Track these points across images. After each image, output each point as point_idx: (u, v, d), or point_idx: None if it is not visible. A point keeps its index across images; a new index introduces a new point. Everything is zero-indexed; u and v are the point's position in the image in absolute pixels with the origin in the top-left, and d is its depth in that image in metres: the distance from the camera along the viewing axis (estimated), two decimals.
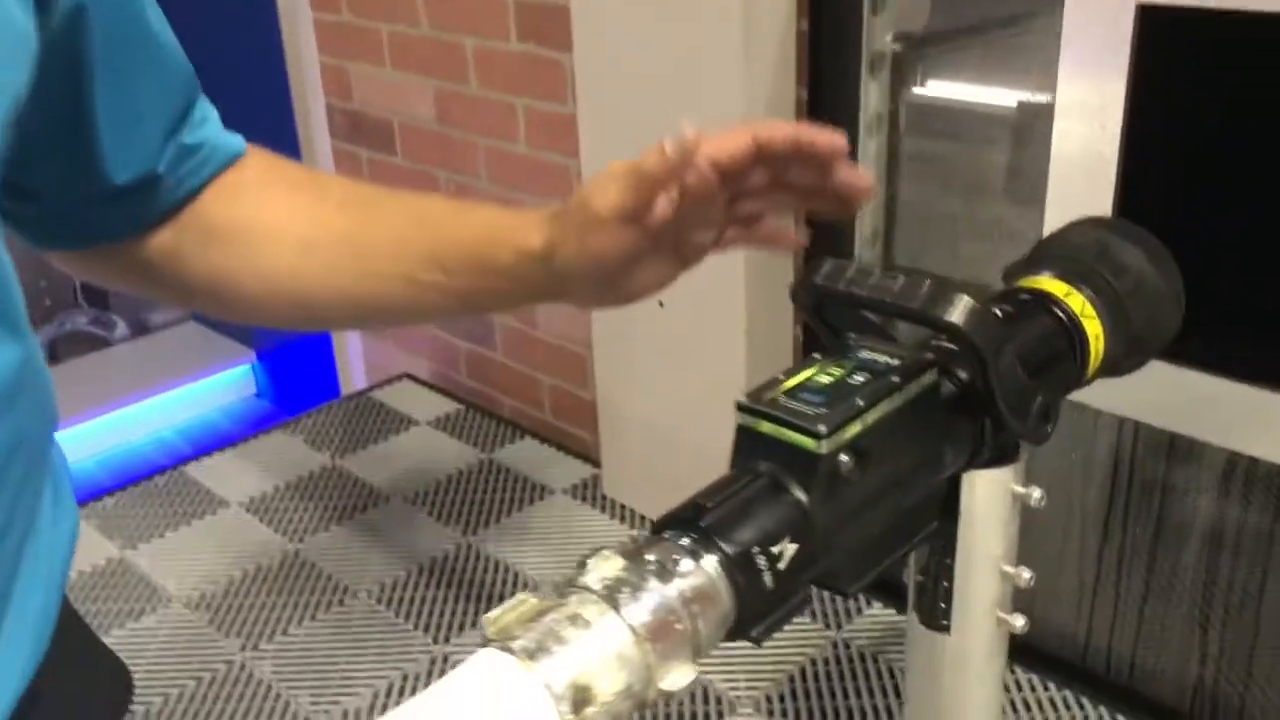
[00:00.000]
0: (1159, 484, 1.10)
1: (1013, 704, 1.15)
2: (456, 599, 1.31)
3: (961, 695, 0.71)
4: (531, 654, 0.46)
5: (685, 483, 0.55)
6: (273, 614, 1.31)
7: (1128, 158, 0.99)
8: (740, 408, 0.56)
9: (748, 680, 1.20)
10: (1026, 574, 0.67)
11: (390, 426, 1.72)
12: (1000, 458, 0.65)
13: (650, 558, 0.50)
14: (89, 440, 3.36)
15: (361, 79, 1.79)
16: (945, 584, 0.68)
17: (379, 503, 1.52)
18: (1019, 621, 0.68)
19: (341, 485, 1.58)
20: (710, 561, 0.51)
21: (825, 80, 1.23)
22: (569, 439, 1.65)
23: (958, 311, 0.56)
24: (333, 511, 1.51)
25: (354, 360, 2.03)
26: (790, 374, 0.58)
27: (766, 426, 0.55)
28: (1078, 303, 0.68)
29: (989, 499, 0.65)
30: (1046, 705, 1.15)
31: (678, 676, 0.49)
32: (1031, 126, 1.12)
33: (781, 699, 1.18)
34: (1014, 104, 1.14)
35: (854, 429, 0.54)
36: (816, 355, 0.60)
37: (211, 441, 2.68)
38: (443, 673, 0.48)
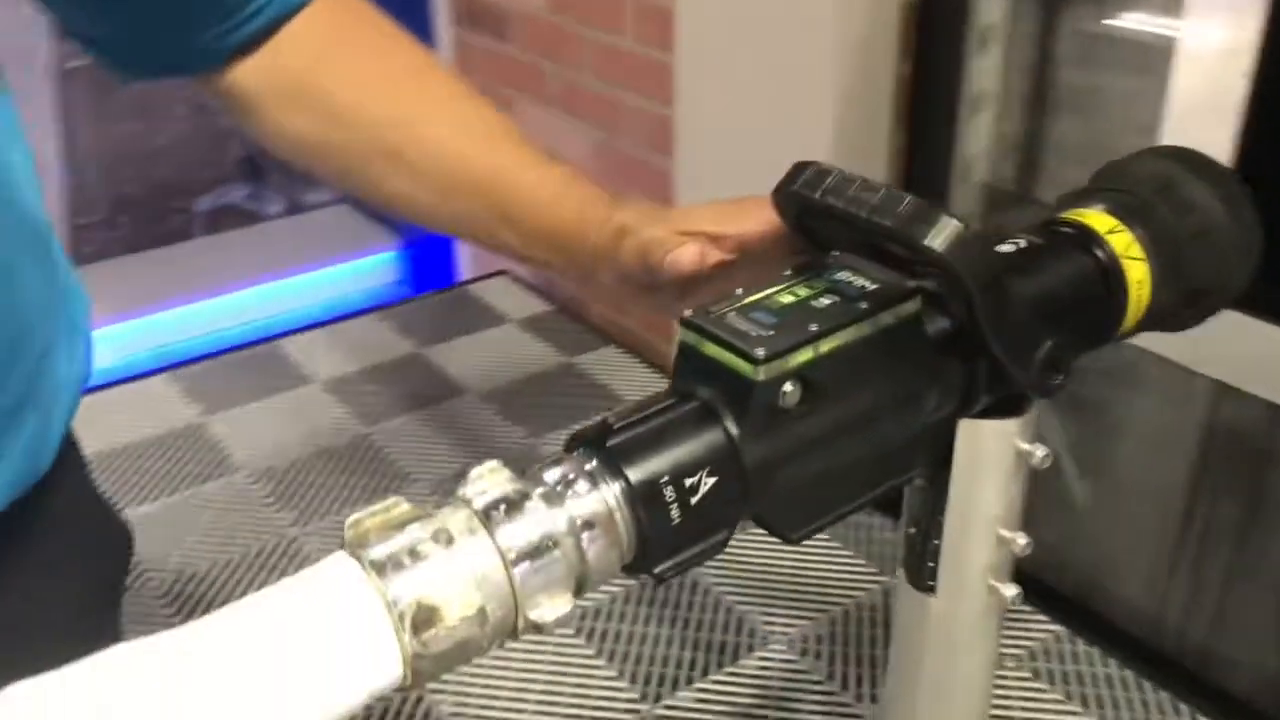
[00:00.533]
0: (1254, 458, 0.99)
1: (1065, 676, 1.07)
2: None
3: (945, 664, 0.64)
4: (381, 566, 0.42)
5: None
6: (330, 494, 1.32)
7: (1256, 101, 0.87)
8: (683, 322, 0.50)
9: (786, 615, 1.15)
10: (1023, 540, 0.59)
11: (479, 321, 1.70)
12: (1004, 408, 0.57)
13: (545, 477, 0.46)
14: (233, 311, 3.48)
15: None
16: (935, 541, 0.61)
17: (453, 396, 1.51)
18: (1010, 591, 0.61)
19: (421, 375, 1.57)
20: (610, 490, 0.46)
21: None
22: (650, 351, 1.61)
23: (939, 234, 0.48)
24: (408, 400, 1.51)
25: (462, 252, 2.02)
26: (751, 291, 0.52)
27: (706, 346, 0.49)
28: (1122, 242, 0.59)
29: (987, 453, 0.58)
30: (1103, 682, 1.06)
31: (550, 609, 0.44)
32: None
33: (819, 640, 1.13)
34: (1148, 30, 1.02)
35: (802, 356, 0.48)
36: (787, 271, 0.53)
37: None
38: None
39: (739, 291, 0.52)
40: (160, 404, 1.46)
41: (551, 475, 0.46)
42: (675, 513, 0.46)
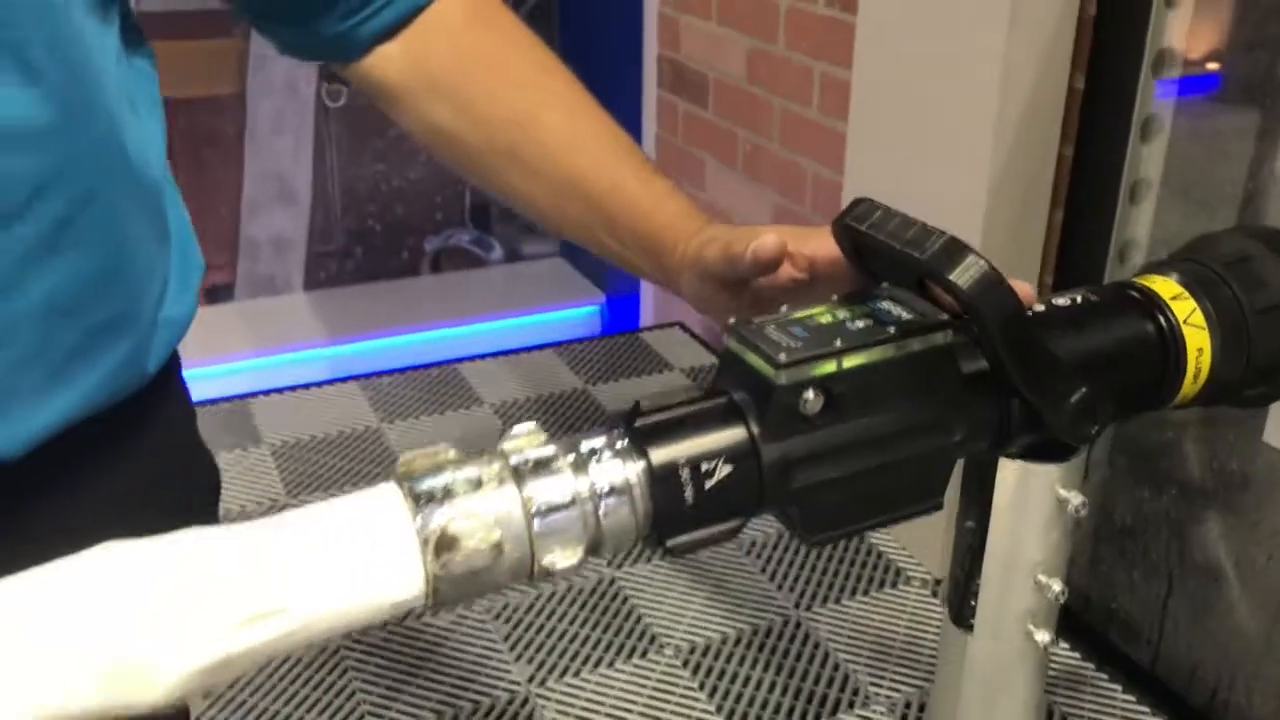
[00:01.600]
0: None
1: None
2: None
3: (981, 703, 0.66)
4: (417, 497, 0.48)
5: None
6: None
7: None
8: (727, 329, 0.55)
9: (893, 681, 1.16)
10: (1057, 587, 0.61)
11: (647, 367, 1.78)
12: (1045, 452, 0.59)
13: (577, 445, 0.52)
14: (451, 345, 3.70)
15: (689, 31, 1.84)
16: (976, 581, 0.64)
17: None
18: (1043, 637, 0.62)
19: (584, 409, 1.66)
20: (632, 465, 0.51)
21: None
22: None
23: (965, 272, 0.52)
24: (567, 430, 1.60)
25: (645, 302, 2.11)
26: (795, 309, 0.57)
27: (742, 351, 0.54)
28: (1184, 309, 0.60)
29: (1025, 495, 0.60)
30: None
31: (562, 558, 0.50)
32: None
33: (920, 707, 1.13)
34: None
35: (824, 368, 0.52)
36: (835, 297, 0.58)
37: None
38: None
39: (784, 309, 0.56)
40: (346, 408, 1.59)
41: (583, 445, 0.51)
42: (689, 494, 0.51)
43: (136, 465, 0.74)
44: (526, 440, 0.51)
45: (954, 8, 1.16)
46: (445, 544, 0.48)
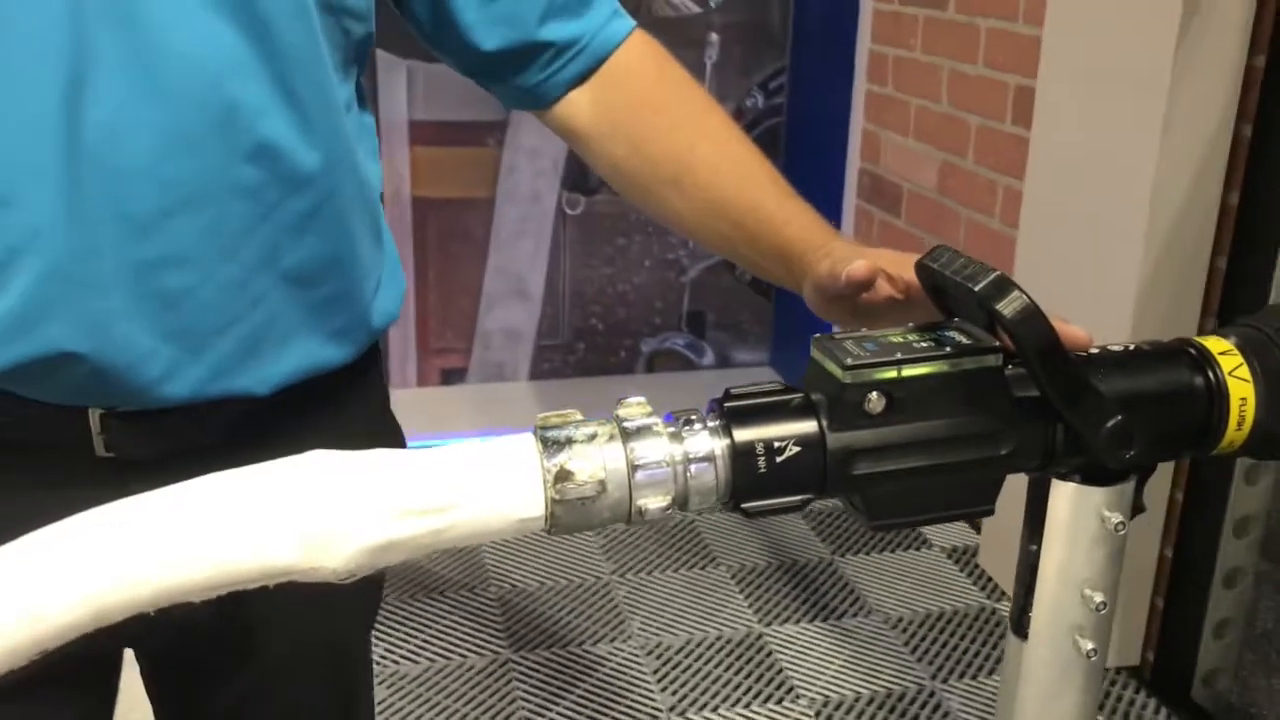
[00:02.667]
0: None
1: None
2: (787, 592, 1.45)
3: (1034, 706, 0.73)
4: (548, 443, 0.62)
5: None
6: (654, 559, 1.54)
7: None
8: (814, 341, 0.67)
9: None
10: (1099, 598, 0.69)
11: None
12: (1094, 475, 0.68)
13: (684, 420, 0.64)
14: None
15: (889, 146, 1.97)
16: (1033, 594, 0.72)
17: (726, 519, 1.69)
18: (1088, 645, 0.70)
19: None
20: (720, 441, 0.63)
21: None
22: None
23: (1010, 304, 0.62)
24: None
25: None
26: (874, 330, 0.68)
27: (821, 358, 0.66)
28: (1231, 362, 0.68)
29: (1071, 513, 0.69)
30: None
31: (653, 503, 0.62)
32: None
33: None
34: None
35: (885, 374, 0.64)
36: (911, 324, 0.69)
37: None
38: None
39: (863, 330, 0.68)
40: None
41: (681, 420, 0.64)
42: (763, 466, 0.63)
43: (349, 418, 0.93)
44: (637, 409, 0.64)
45: (1113, 117, 1.25)
46: (562, 476, 0.61)
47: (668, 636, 1.36)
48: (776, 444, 0.63)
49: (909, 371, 0.64)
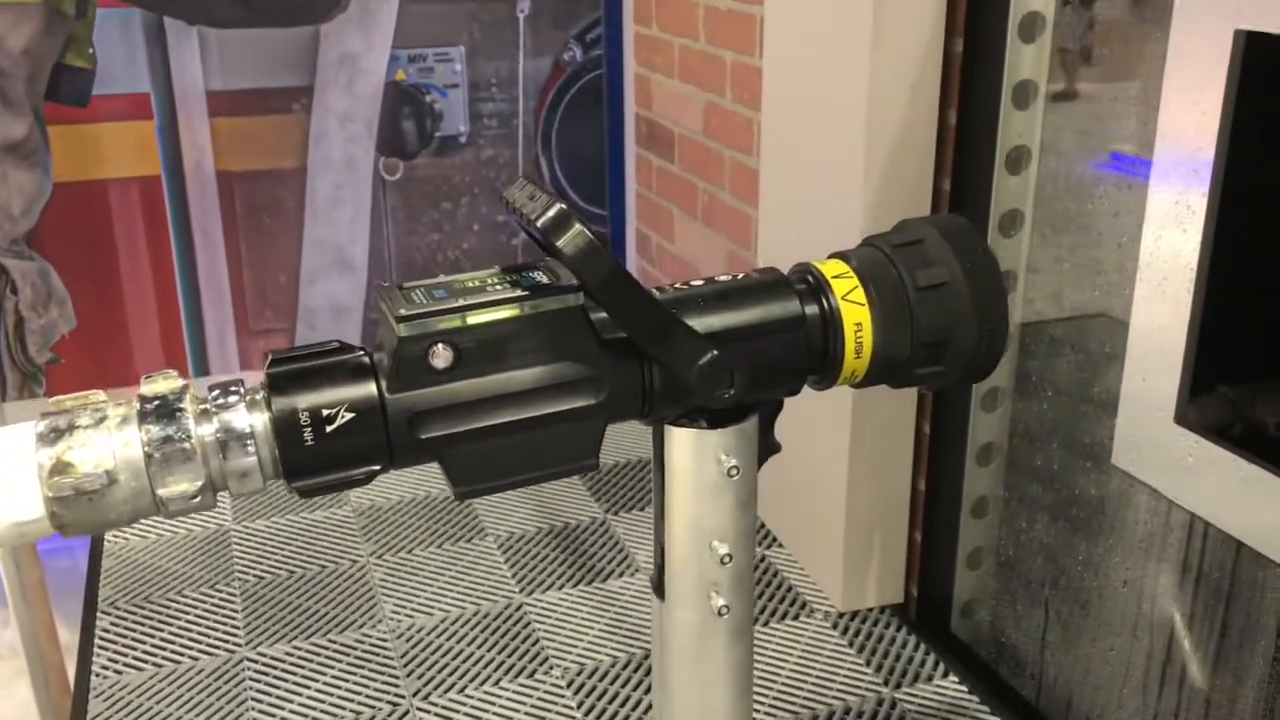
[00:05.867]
0: (1223, 601, 0.93)
1: None
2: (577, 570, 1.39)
3: (679, 671, 0.68)
4: (47, 432, 0.54)
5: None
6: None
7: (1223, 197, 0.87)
8: (378, 290, 0.60)
9: (772, 705, 1.16)
10: (724, 549, 0.63)
11: None
12: (710, 420, 0.62)
13: (208, 391, 0.56)
14: None
15: (659, 89, 1.91)
16: (665, 549, 0.66)
17: None
18: (719, 602, 0.64)
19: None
20: (259, 414, 0.56)
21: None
22: None
23: (567, 238, 0.56)
24: None
25: None
26: (453, 276, 0.61)
27: (384, 312, 0.58)
28: (845, 286, 0.63)
29: (688, 460, 0.63)
30: None
31: (178, 489, 0.54)
32: None
33: None
34: None
35: (448, 323, 0.57)
36: (498, 267, 0.62)
37: None
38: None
39: (440, 276, 0.61)
40: None
41: (215, 391, 0.56)
42: (309, 437, 0.56)
43: None
44: (164, 383, 0.56)
45: (826, 36, 1.20)
46: (60, 469, 0.53)
47: (421, 617, 1.29)
48: (325, 411, 0.56)
49: (476, 319, 0.57)
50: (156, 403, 0.55)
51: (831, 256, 0.66)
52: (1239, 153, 0.86)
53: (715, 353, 0.59)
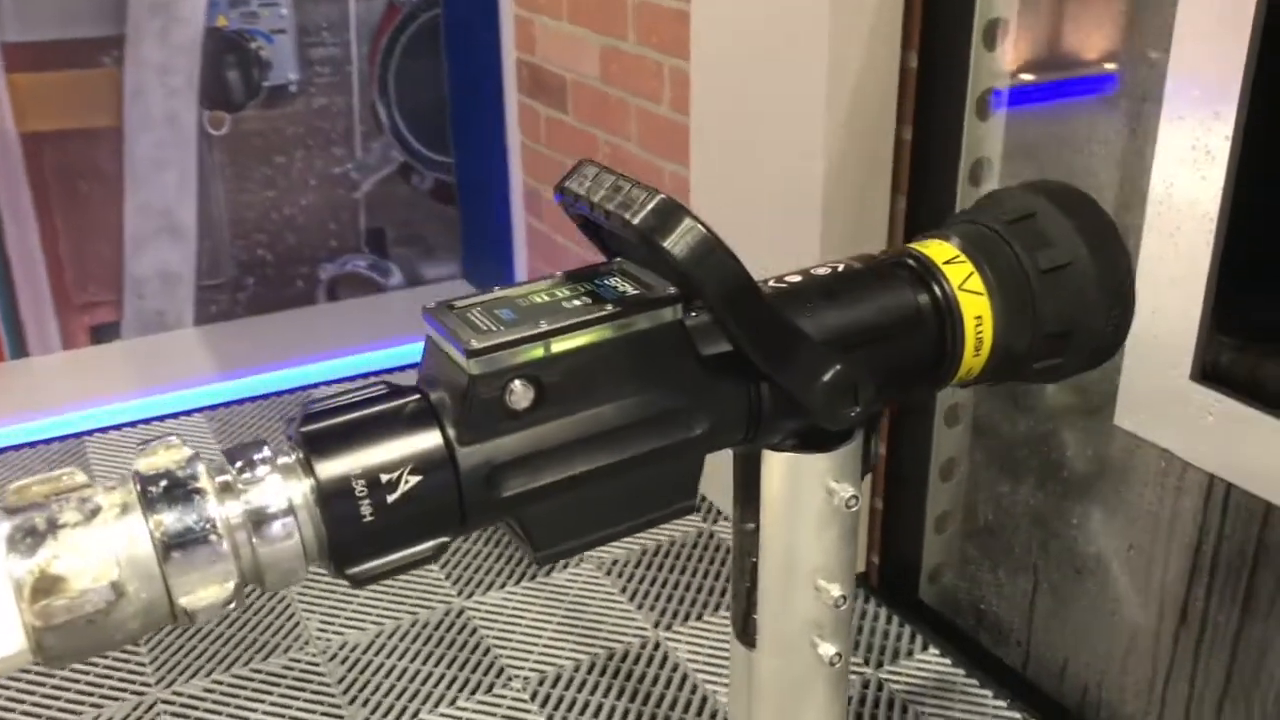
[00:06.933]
0: (1249, 564, 0.89)
1: None
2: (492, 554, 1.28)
3: None
4: (19, 536, 0.40)
5: None
6: None
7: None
8: (427, 313, 0.48)
9: None
10: (837, 590, 0.54)
11: None
12: (814, 441, 0.53)
13: (228, 460, 0.44)
14: (355, 371, 3.57)
15: (545, 32, 1.77)
16: (756, 591, 0.57)
17: None
18: (830, 650, 0.55)
19: None
20: (298, 484, 0.43)
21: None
22: None
23: (678, 235, 0.45)
24: None
25: None
26: (506, 288, 0.49)
27: (439, 339, 0.46)
28: (960, 273, 0.54)
29: (794, 490, 0.53)
30: None
31: (206, 595, 0.42)
32: None
33: None
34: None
35: (529, 353, 0.45)
36: (559, 273, 0.50)
37: None
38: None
39: (496, 289, 0.49)
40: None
41: (238, 460, 0.44)
42: (368, 511, 0.43)
43: None
44: (166, 456, 0.43)
45: None
46: (45, 587, 0.39)
47: (352, 634, 1.16)
48: (384, 476, 0.44)
49: (561, 345, 0.46)
50: (163, 482, 0.42)
51: (928, 236, 0.57)
52: (1266, 94, 0.81)
53: (839, 366, 0.49)
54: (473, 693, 1.10)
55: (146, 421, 1.59)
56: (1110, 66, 0.95)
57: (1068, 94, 1.00)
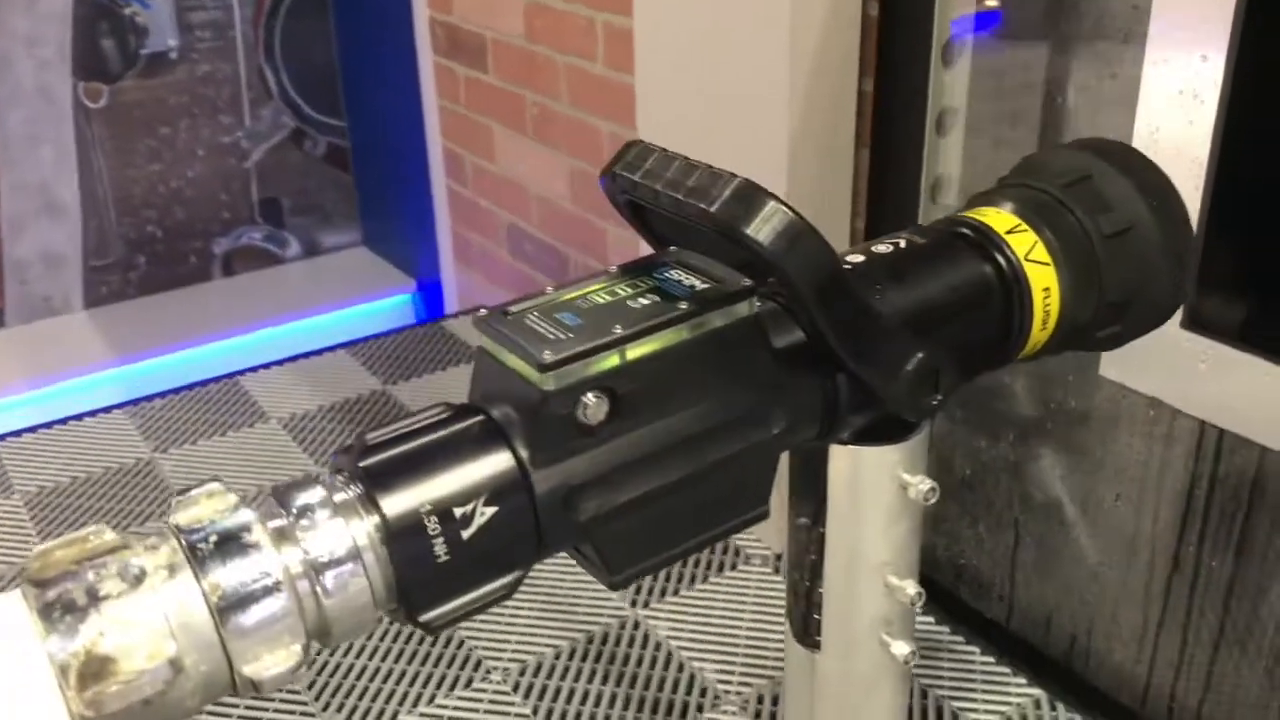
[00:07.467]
0: (1243, 509, 0.90)
1: None
2: None
3: None
4: (52, 608, 0.35)
5: None
6: None
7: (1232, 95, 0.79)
8: (480, 323, 0.43)
9: (743, 675, 1.07)
10: (913, 589, 0.51)
11: (451, 357, 1.64)
12: (883, 434, 0.49)
13: (281, 504, 0.38)
14: (256, 350, 3.45)
15: None
16: (817, 589, 0.53)
17: None
18: (903, 649, 0.52)
19: (384, 411, 1.51)
20: (362, 525, 0.38)
21: None
22: None
23: (763, 222, 0.41)
24: None
25: (448, 284, 1.97)
26: (563, 289, 0.45)
27: (498, 350, 0.42)
28: (1025, 243, 0.51)
29: (864, 484, 0.50)
30: None
31: (273, 662, 0.37)
32: None
33: (774, 701, 1.04)
34: None
35: (604, 363, 0.41)
36: (614, 268, 0.46)
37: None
38: None
39: (549, 290, 0.44)
40: (112, 441, 1.40)
41: (292, 502, 0.38)
42: (441, 550, 0.39)
43: None
44: (209, 505, 0.38)
45: None
46: (93, 671, 0.34)
47: None
48: (458, 510, 0.39)
49: (637, 351, 0.41)
50: (213, 536, 0.36)
51: (978, 203, 0.54)
52: (1258, 37, 0.80)
53: (921, 355, 0.46)
54: (451, 689, 1.05)
55: (62, 422, 1.50)
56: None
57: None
